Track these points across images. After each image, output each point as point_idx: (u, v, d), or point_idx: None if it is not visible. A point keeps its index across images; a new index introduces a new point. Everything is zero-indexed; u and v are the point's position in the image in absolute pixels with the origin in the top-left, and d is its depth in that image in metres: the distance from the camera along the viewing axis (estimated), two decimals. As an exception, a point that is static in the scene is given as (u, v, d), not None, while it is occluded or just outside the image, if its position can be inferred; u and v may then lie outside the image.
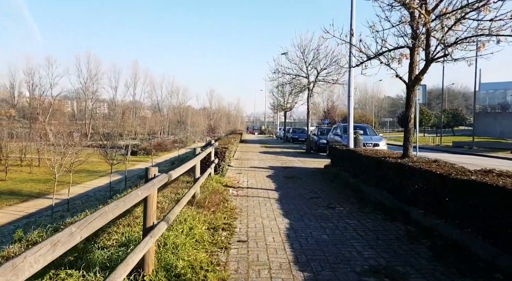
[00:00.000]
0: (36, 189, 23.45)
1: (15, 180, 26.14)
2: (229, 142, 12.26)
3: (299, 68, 17.59)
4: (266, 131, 71.36)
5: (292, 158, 15.52)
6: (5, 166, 26.96)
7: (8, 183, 24.91)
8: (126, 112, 79.78)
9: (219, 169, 9.13)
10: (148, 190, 2.93)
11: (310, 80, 17.87)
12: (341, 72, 17.13)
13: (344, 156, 9.75)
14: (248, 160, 14.20)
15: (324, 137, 20.72)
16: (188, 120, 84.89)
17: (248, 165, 12.45)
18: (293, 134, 31.45)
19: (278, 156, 16.49)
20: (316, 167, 12.35)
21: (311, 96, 18.12)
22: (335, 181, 9.16)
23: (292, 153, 18.27)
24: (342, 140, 15.51)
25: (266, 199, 6.82)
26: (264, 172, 10.81)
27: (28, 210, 18.12)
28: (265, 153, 18.41)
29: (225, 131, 77.38)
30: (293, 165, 12.79)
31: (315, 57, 17.31)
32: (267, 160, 14.44)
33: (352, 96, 10.76)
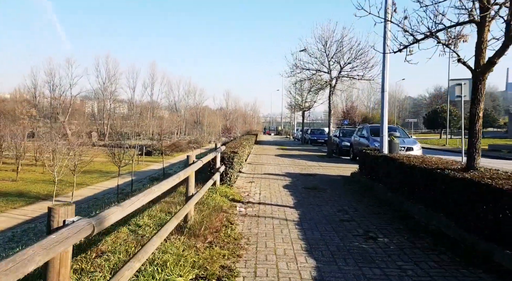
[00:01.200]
0: (45, 190, 22.66)
1: (26, 180, 25.53)
2: (240, 145, 10.72)
3: (320, 62, 15.90)
4: (283, 132, 69.57)
5: (312, 163, 13.83)
6: (17, 166, 26.41)
7: (18, 184, 24.29)
8: (143, 112, 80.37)
9: (226, 177, 7.60)
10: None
11: (333, 75, 16.14)
12: (367, 67, 15.33)
13: (379, 164, 8.03)
14: (262, 165, 12.63)
15: (347, 139, 18.91)
16: (205, 120, 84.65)
17: (262, 171, 10.87)
18: (311, 135, 29.63)
19: (296, 160, 14.83)
20: (340, 175, 10.64)
21: (333, 93, 16.37)
22: (368, 195, 7.45)
23: (311, 157, 16.57)
24: (369, 143, 13.70)
25: (283, 222, 5.22)
26: (280, 180, 9.21)
27: (33, 214, 17.18)
28: (282, 156, 16.78)
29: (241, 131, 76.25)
30: (314, 172, 11.11)
31: (338, 50, 15.59)
32: (284, 165, 12.82)
33: (387, 91, 9.02)
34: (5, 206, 18.33)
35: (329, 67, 15.98)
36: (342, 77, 16.03)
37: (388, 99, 40.91)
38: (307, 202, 6.64)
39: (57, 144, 22.66)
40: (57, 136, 48.82)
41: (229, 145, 11.21)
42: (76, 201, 20.47)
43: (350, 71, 15.84)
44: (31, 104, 73.94)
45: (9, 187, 22.92)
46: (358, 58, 15.42)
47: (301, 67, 16.01)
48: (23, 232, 13.30)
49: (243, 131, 73.56)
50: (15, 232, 13.40)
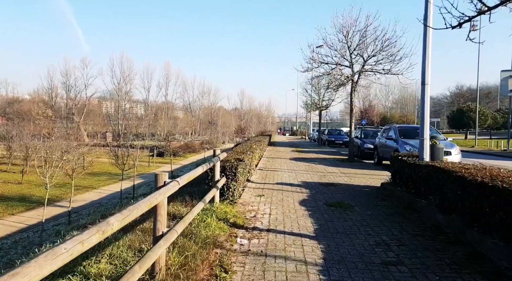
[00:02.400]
0: (48, 194, 21.74)
1: (31, 183, 24.76)
2: (249, 149, 9.15)
3: (341, 55, 14.15)
4: (298, 132, 67.61)
5: (332, 169, 12.13)
6: (22, 168, 25.70)
7: (22, 187, 23.52)
8: (158, 113, 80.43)
9: (227, 192, 6.05)
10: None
11: (355, 70, 14.38)
12: (394, 60, 13.49)
13: (421, 175, 6.32)
14: (275, 172, 11.03)
15: (369, 140, 17.11)
16: (219, 120, 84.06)
17: (274, 180, 9.27)
18: (329, 136, 27.79)
19: (313, 165, 13.16)
20: (368, 185, 8.93)
21: (355, 90, 14.60)
22: (409, 216, 5.76)
23: (331, 161, 14.84)
24: (398, 147, 11.91)
25: (300, 267, 3.61)
26: (296, 193, 7.60)
27: (29, 221, 16.16)
28: (297, 160, 15.13)
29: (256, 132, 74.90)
30: (336, 181, 9.44)
31: (362, 41, 13.81)
32: (300, 172, 11.18)
33: (428, 84, 7.26)
34: (3, 211, 17.41)
35: (350, 61, 14.23)
36: (365, 72, 14.25)
37: (405, 100, 38.32)
38: (332, 228, 5.01)
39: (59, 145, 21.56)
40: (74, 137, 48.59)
41: (237, 149, 9.67)
42: (79, 206, 19.41)
43: (374, 64, 14.05)
44: (48, 105, 74.70)
45: (13, 190, 22.15)
46: (384, 50, 13.62)
47: (319, 61, 14.32)
48: (13, 244, 12.16)
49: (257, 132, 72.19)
50: (4, 244, 12.27)
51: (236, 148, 9.93)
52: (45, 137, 49.65)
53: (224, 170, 5.98)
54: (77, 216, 16.79)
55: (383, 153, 13.72)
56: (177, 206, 5.67)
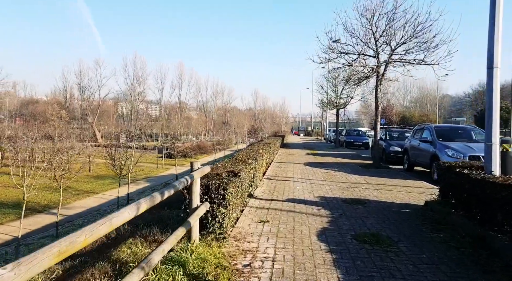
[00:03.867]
0: (46, 200, 20.43)
1: (32, 187, 23.55)
2: (253, 156, 7.26)
3: (364, 43, 12.08)
4: (313, 133, 65.20)
5: (356, 177, 10.08)
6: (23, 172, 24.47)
7: (20, 191, 22.27)
8: (171, 113, 80.00)
9: (213, 223, 4.16)
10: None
11: (381, 60, 12.29)
12: (429, 48, 11.34)
13: (497, 197, 4.27)
14: (285, 182, 9.08)
15: (397, 143, 14.95)
16: (233, 120, 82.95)
17: (284, 195, 7.34)
18: (347, 137, 25.55)
19: (332, 172, 11.13)
20: (407, 202, 6.87)
21: (380, 84, 12.49)
22: (485, 262, 3.73)
23: (352, 167, 12.76)
24: (437, 152, 9.76)
25: None
26: (312, 216, 5.65)
27: (15, 232, 14.71)
28: (313, 165, 13.12)
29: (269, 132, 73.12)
30: (363, 195, 7.42)
31: (389, 26, 11.71)
32: (317, 182, 9.19)
33: (498, 68, 5.22)
34: (-7, 220, 16.10)
35: (376, 50, 12.14)
36: (393, 62, 12.13)
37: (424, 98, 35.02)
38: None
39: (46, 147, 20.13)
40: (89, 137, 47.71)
41: (239, 155, 7.79)
42: (76, 214, 17.97)
43: (404, 54, 11.93)
44: (62, 106, 74.98)
45: (9, 195, 20.93)
46: (416, 36, 11.49)
47: (338, 50, 12.28)
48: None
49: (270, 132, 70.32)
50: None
51: (238, 154, 8.05)
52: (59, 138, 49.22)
53: (208, 191, 4.10)
54: (69, 226, 15.30)
55: (415, 158, 11.59)
56: (137, 244, 3.84)
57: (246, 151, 8.93)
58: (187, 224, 3.51)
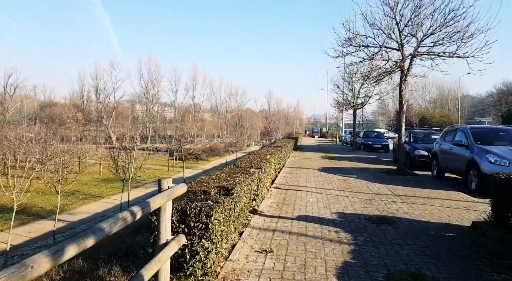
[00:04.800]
0: (52, 204, 19.81)
1: (39, 191, 23.07)
2: (258, 163, 6.09)
3: (387, 34, 10.74)
4: (328, 134, 63.40)
5: (379, 187, 8.77)
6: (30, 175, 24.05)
7: (27, 195, 21.78)
8: (185, 115, 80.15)
9: (192, 261, 3.01)
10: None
11: (406, 53, 10.92)
12: (462, 38, 9.92)
13: None
14: (297, 192, 7.87)
15: (422, 146, 13.51)
16: (246, 122, 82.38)
17: (295, 211, 6.13)
18: (365, 139, 24.00)
19: (351, 180, 9.84)
20: (448, 222, 5.54)
21: (405, 80, 11.11)
22: None
23: (373, 173, 11.41)
24: (476, 157, 8.35)
25: None
26: (329, 243, 4.43)
27: (15, 240, 14.02)
28: (329, 171, 11.84)
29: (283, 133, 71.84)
30: (390, 211, 6.14)
31: (415, 14, 10.35)
32: (333, 193, 7.94)
33: None
34: (-7, 226, 15.49)
35: (400, 42, 10.78)
36: (420, 55, 10.74)
37: (444, 98, 32.30)
38: None
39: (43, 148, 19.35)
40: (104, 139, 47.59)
41: (241, 162, 6.65)
42: (79, 220, 17.22)
43: (433, 46, 10.53)
44: (79, 109, 75.88)
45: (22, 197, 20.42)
46: (446, 25, 10.09)
47: (356, 43, 10.98)
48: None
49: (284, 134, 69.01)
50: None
51: (240, 161, 6.91)
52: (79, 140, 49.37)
53: (185, 218, 2.96)
54: (69, 234, 14.51)
55: (447, 163, 10.16)
56: None
57: (251, 156, 7.78)
58: (151, 265, 2.39)
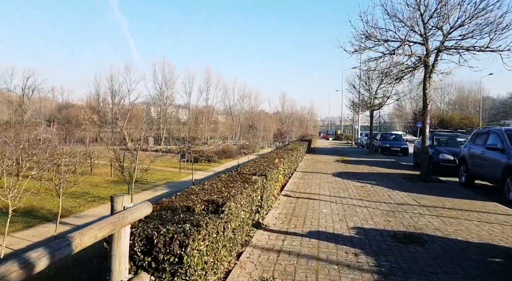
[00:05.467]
0: (58, 207, 19.50)
1: (48, 193, 22.87)
2: (258, 171, 5.29)
3: (409, 27, 9.76)
4: (343, 137, 61.89)
5: (402, 195, 7.80)
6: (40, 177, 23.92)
7: (38, 198, 21.60)
8: (199, 117, 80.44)
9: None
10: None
11: (430, 47, 9.92)
12: (496, 30, 8.88)
13: None
14: (309, 201, 7.01)
15: (447, 149, 12.43)
16: (260, 124, 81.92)
17: (305, 225, 5.28)
18: (382, 141, 22.81)
19: (369, 187, 8.90)
20: (490, 243, 4.55)
21: (430, 77, 10.09)
22: None
23: (394, 179, 10.42)
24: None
25: None
26: (346, 269, 3.58)
27: (16, 245, 13.62)
28: (344, 176, 10.91)
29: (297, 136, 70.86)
30: (418, 227, 5.20)
31: (442, 4, 9.35)
32: (350, 202, 7.04)
33: None
34: (-3, 230, 15.15)
35: (424, 35, 9.79)
36: (447, 50, 9.71)
37: (464, 100, 30.32)
38: None
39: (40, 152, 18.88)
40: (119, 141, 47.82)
41: (244, 168, 5.86)
42: (85, 224, 16.79)
43: (461, 39, 9.50)
44: (94, 110, 76.95)
45: (25, 201, 20.23)
46: (477, 16, 9.06)
47: (375, 37, 10.04)
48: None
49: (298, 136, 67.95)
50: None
51: (244, 166, 6.12)
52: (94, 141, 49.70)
53: (152, 249, 2.19)
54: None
55: (478, 169, 9.10)
56: None
57: (258, 160, 6.99)
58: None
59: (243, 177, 4.59)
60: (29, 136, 29.08)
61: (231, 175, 4.78)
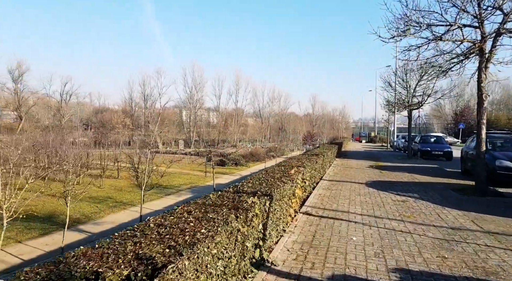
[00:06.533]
0: (80, 212, 19.15)
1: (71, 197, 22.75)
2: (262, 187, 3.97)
3: (460, 8, 8.01)
4: (377, 139, 58.70)
5: (456, 214, 6.11)
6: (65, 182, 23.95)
7: (58, 203, 21.52)
8: (228, 119, 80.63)
9: None
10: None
11: (486, 31, 8.10)
12: None
13: None
14: (334, 221, 5.55)
15: (505, 154, 10.39)
16: (290, 126, 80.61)
17: (327, 262, 3.87)
18: (422, 144, 20.52)
19: (412, 202, 7.25)
20: None
21: (486, 67, 8.25)
22: None
23: (440, 190, 8.65)
24: None
25: None
26: None
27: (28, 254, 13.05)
28: (379, 186, 9.27)
29: (328, 138, 68.53)
30: (493, 273, 3.62)
31: (503, -24, 7.52)
32: (388, 224, 5.49)
33: None
34: (14, 237, 14.83)
35: (479, 15, 7.99)
36: (508, 33, 7.85)
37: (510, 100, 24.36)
38: None
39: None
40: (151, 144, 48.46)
41: (243, 184, 4.57)
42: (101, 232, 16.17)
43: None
44: (128, 114, 79.10)
45: (46, 206, 20.16)
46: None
47: (417, 22, 8.35)
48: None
49: (329, 138, 65.59)
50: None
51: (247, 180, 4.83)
52: (127, 144, 50.64)
53: None
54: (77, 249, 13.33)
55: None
56: None
57: (270, 170, 5.65)
58: None
59: (235, 200, 3.29)
60: (60, 140, 29.61)
61: (222, 195, 3.51)
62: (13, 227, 14.91)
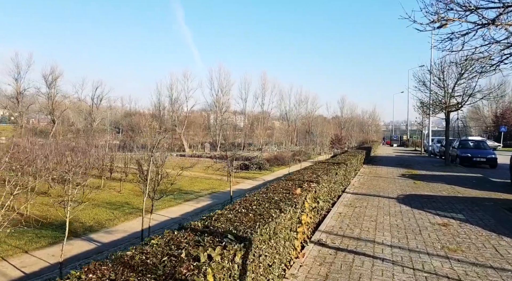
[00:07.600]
0: (93, 220, 18.48)
1: (90, 202, 22.44)
2: (250, 220, 2.80)
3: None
4: (409, 143, 55.40)
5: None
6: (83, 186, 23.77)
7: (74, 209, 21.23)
8: (254, 123, 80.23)
9: None
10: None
11: (554, 12, 6.44)
12: None
13: None
14: (354, 256, 4.25)
15: None
16: (317, 129, 78.77)
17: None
18: (461, 150, 18.37)
19: (456, 226, 5.76)
20: None
21: (552, 58, 6.57)
22: None
23: (492, 210, 7.03)
24: None
25: None
26: None
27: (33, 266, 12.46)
28: (414, 203, 7.75)
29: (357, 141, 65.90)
30: None
31: None
32: (427, 261, 4.10)
33: None
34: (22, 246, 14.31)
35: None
36: None
37: None
38: None
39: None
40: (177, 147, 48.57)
41: (218, 221, 3.41)
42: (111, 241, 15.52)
43: None
44: (155, 118, 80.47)
45: (62, 211, 19.97)
46: None
47: (459, 5, 6.84)
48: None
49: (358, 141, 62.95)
50: None
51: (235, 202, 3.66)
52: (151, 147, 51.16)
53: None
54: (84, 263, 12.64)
55: None
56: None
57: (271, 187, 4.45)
58: None
59: (191, 247, 2.13)
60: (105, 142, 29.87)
61: (176, 238, 2.36)
62: (24, 235, 14.53)
